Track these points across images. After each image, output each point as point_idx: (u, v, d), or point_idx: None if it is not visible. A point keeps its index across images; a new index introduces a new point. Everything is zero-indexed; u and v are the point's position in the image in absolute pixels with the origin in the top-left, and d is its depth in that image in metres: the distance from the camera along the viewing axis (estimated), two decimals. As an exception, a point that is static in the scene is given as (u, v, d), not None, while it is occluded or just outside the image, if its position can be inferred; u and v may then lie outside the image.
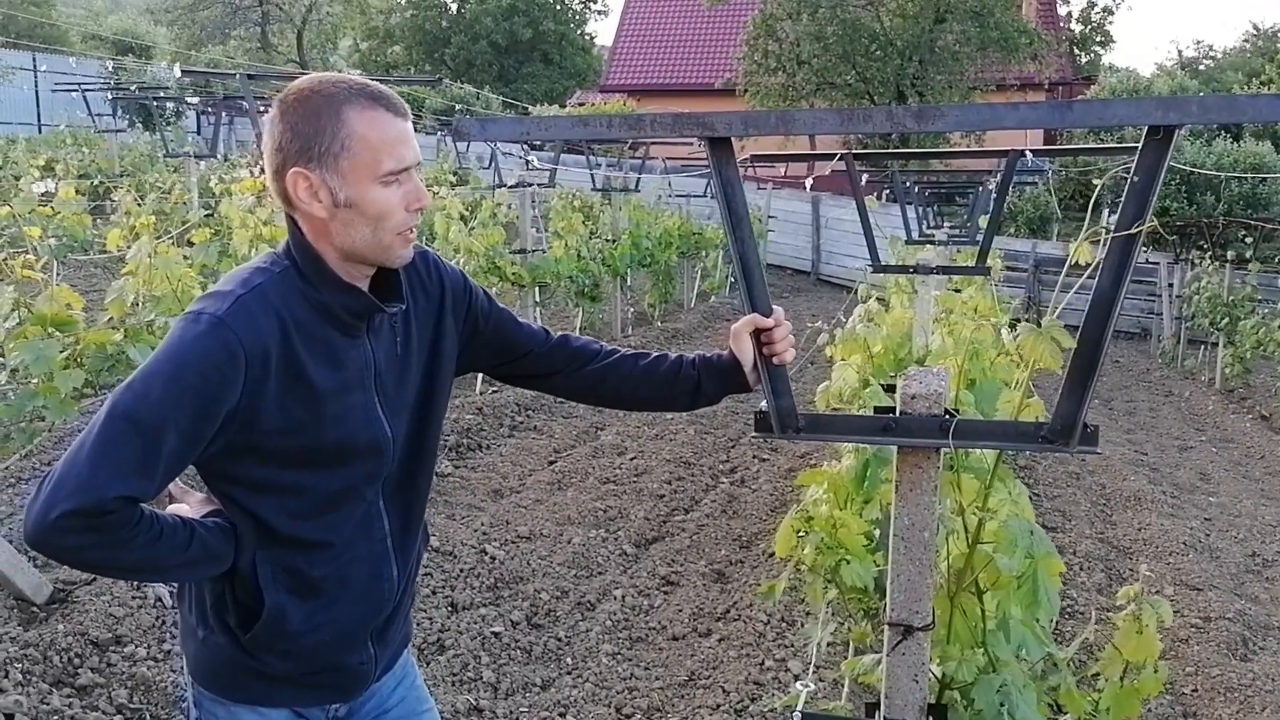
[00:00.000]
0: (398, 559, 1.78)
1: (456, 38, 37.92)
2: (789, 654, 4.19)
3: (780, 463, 7.08)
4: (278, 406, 1.57)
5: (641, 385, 1.99)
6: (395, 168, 1.57)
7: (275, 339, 1.55)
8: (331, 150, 1.55)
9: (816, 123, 1.76)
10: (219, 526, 1.63)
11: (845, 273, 20.41)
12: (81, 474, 1.45)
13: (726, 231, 1.83)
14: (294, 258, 1.62)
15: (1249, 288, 13.31)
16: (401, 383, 1.74)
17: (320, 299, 1.60)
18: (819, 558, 2.64)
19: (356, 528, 1.71)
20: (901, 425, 1.78)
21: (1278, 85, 28.34)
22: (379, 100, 1.58)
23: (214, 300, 1.56)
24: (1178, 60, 37.79)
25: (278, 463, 1.61)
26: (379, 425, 1.69)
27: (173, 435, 1.49)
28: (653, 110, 1.85)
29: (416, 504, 1.82)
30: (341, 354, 1.63)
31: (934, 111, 1.68)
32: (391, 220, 1.59)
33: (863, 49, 22.13)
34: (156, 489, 1.52)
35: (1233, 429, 10.73)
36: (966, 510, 1.91)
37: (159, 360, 1.51)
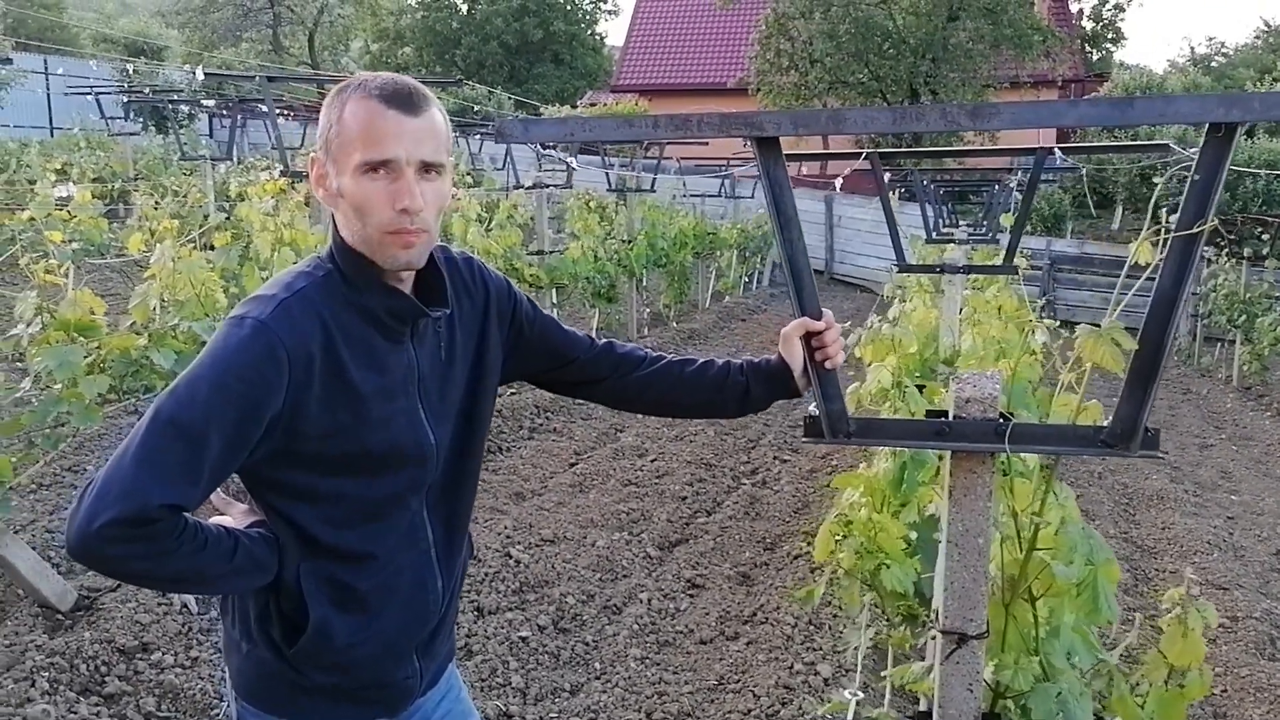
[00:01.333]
0: (442, 570, 1.75)
1: (467, 39, 37.92)
2: (818, 657, 4.14)
3: (801, 464, 7.03)
4: (321, 410, 1.54)
5: (689, 391, 1.95)
6: (370, 159, 1.53)
7: (318, 342, 1.53)
8: (329, 136, 1.58)
9: (868, 121, 1.72)
10: (263, 537, 1.61)
11: (859, 272, 20.36)
12: (125, 481, 1.43)
13: (775, 233, 1.79)
14: (335, 260, 1.61)
15: (1266, 285, 13.20)
16: (445, 390, 1.71)
17: (362, 302, 1.59)
18: (858, 562, 2.61)
19: (401, 538, 1.68)
20: (955, 430, 1.74)
21: (1292, 80, 28.11)
22: (382, 94, 1.55)
23: (257, 304, 1.55)
24: (1190, 57, 37.61)
25: (320, 469, 1.59)
26: (423, 431, 1.66)
27: (217, 441, 1.47)
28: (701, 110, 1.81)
29: (461, 514, 1.79)
30: (385, 358, 1.61)
31: (989, 109, 1.64)
32: (375, 217, 1.55)
33: (875, 47, 22.05)
34: (201, 496, 1.50)
35: (1252, 426, 10.64)
36: (1020, 515, 1.87)
37: (202, 365, 1.50)
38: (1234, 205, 18.95)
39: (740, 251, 15.85)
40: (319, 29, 41.84)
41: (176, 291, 3.93)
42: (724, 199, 16.39)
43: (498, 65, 38.11)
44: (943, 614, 1.81)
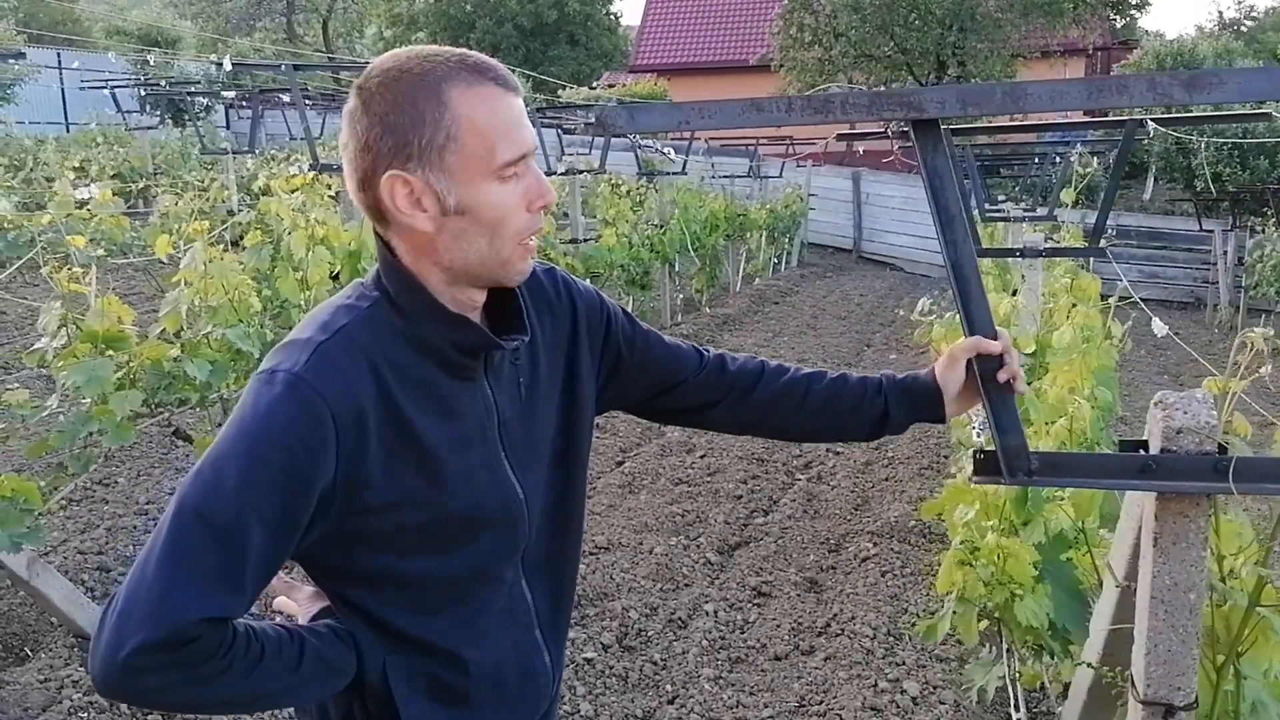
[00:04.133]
0: (549, 646, 1.47)
1: (481, 22, 37.55)
2: (902, 673, 3.87)
3: (856, 456, 6.74)
4: (384, 475, 1.25)
5: (818, 415, 1.65)
6: (514, 156, 1.25)
7: (369, 393, 1.24)
8: (435, 142, 1.22)
9: (1056, 97, 1.43)
10: (335, 632, 1.32)
11: (888, 250, 19.99)
12: (151, 596, 1.15)
13: (937, 232, 1.50)
14: (385, 287, 1.30)
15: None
16: (532, 433, 1.41)
17: (421, 335, 1.29)
18: (987, 593, 2.32)
19: (498, 618, 1.40)
20: (1164, 467, 1.45)
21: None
22: (485, 72, 1.26)
23: (289, 352, 1.24)
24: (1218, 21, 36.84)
25: (393, 548, 1.30)
26: (509, 486, 1.37)
27: (258, 531, 1.18)
28: (844, 89, 1.54)
29: (566, 580, 1.50)
30: (454, 401, 1.31)
31: (1210, 78, 1.35)
32: (511, 225, 1.28)
33: (901, 19, 21.59)
34: (247, 601, 1.21)
35: (1313, 404, 10.27)
36: (1239, 561, 1.59)
37: (229, 438, 1.20)
38: (1274, 172, 18.45)
39: (769, 232, 15.51)
40: (333, 16, 41.53)
41: (208, 296, 3.67)
42: (752, 179, 16.03)
43: (512, 48, 37.71)
44: (1143, 680, 1.53)
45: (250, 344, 3.67)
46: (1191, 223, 18.96)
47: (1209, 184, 18.12)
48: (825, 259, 19.83)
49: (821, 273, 18.22)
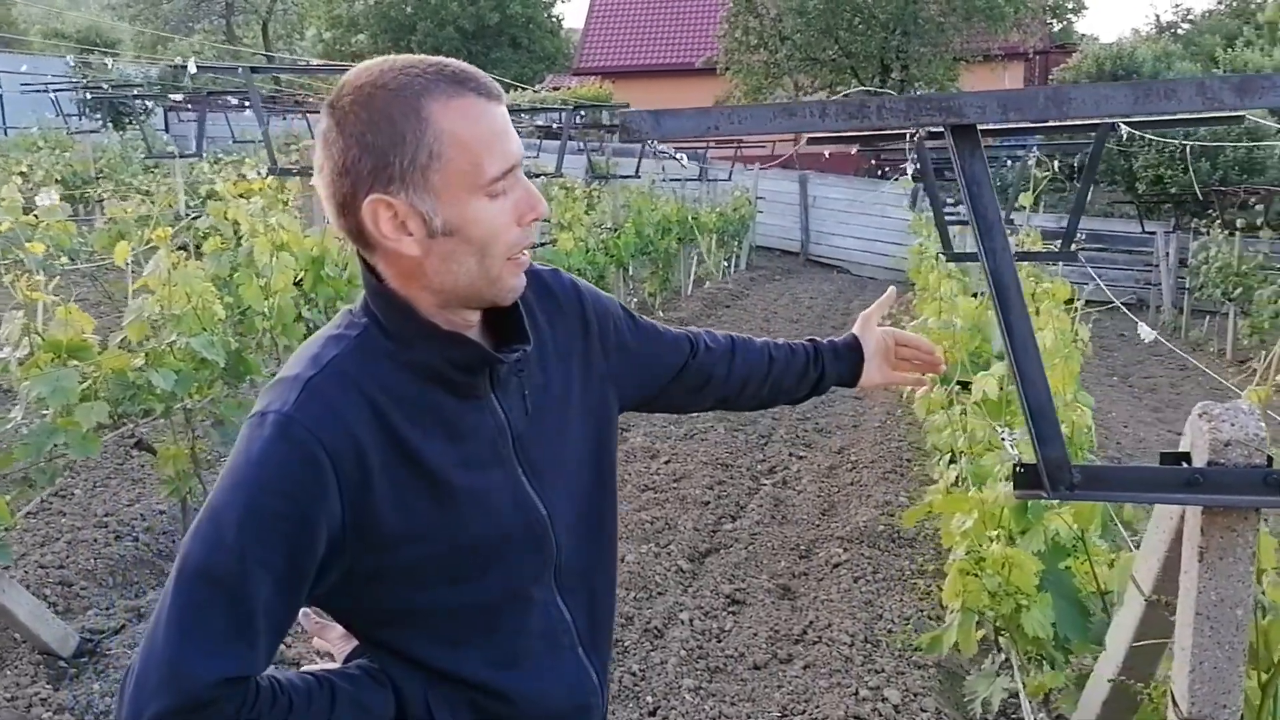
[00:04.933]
0: (593, 663, 1.39)
1: (422, 24, 37.15)
2: (882, 681, 3.84)
3: (819, 460, 6.74)
4: (394, 510, 1.18)
5: (777, 384, 1.72)
6: (502, 169, 1.17)
7: (367, 426, 1.16)
8: (417, 162, 1.14)
9: (1100, 103, 1.39)
10: (368, 673, 1.25)
11: (835, 253, 20.11)
12: (163, 663, 1.08)
13: (976, 240, 1.46)
14: (373, 312, 1.22)
15: (1260, 256, 13.08)
16: (548, 444, 1.34)
17: (416, 359, 1.21)
18: (993, 604, 2.29)
19: (538, 642, 1.32)
20: (1211, 480, 1.42)
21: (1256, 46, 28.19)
22: (465, 82, 1.17)
23: (279, 391, 1.17)
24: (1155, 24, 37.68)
25: (415, 583, 1.23)
26: (529, 505, 1.29)
27: (265, 583, 1.12)
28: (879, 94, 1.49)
29: (604, 594, 1.43)
30: (461, 423, 1.24)
31: (1263, 83, 1.32)
32: (501, 241, 1.20)
33: (845, 23, 21.75)
34: (265, 656, 1.15)
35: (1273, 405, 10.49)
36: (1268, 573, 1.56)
37: (224, 489, 1.13)
38: (1215, 174, 18.87)
39: (719, 236, 15.52)
40: (273, 17, 40.85)
41: (171, 304, 3.53)
42: (701, 182, 16.03)
43: (454, 51, 37.26)
44: (1187, 699, 1.49)
45: (215, 353, 3.55)
46: (1134, 225, 19.34)
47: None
48: (773, 262, 19.91)
49: (770, 275, 18.28)
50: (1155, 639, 1.82)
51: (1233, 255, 13.26)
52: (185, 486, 3.76)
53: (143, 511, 4.99)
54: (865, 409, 8.13)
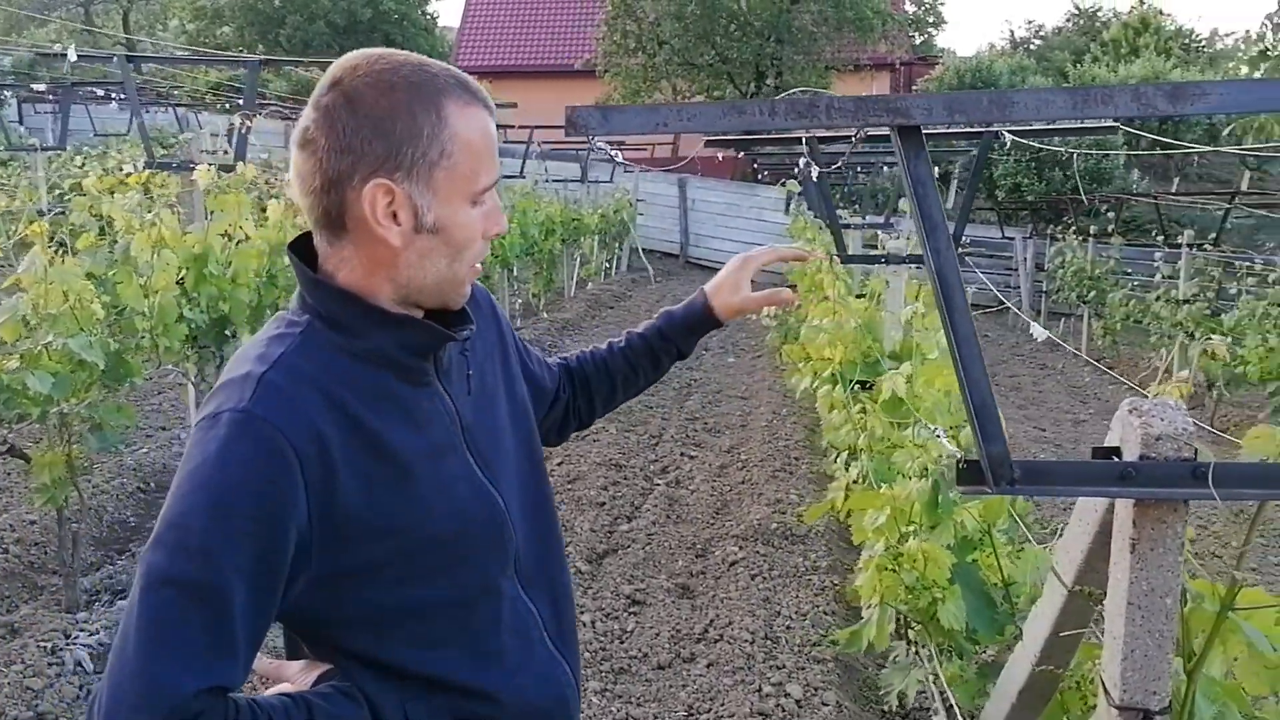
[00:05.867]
0: (565, 656, 1.38)
1: (292, 18, 36.10)
2: (784, 676, 3.90)
3: (710, 460, 6.80)
4: (362, 503, 1.15)
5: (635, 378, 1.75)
6: (490, 181, 1.23)
7: (328, 417, 1.14)
8: (429, 158, 1.16)
9: (1041, 106, 1.42)
10: (341, 691, 1.19)
11: (714, 255, 20.36)
12: (139, 680, 1.02)
13: (921, 241, 1.48)
14: (317, 308, 1.20)
15: (1112, 261, 13.78)
16: (494, 434, 1.35)
17: (368, 346, 1.19)
18: (910, 598, 2.33)
19: (510, 638, 1.30)
20: (1143, 473, 1.47)
21: (1103, 63, 29.72)
22: (475, 93, 1.22)
23: (229, 391, 1.14)
24: (1010, 40, 39.36)
25: (386, 581, 1.19)
26: (487, 493, 1.29)
27: (239, 587, 1.07)
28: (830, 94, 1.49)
29: (563, 581, 1.43)
30: (416, 409, 1.23)
31: (1195, 90, 1.37)
32: (472, 250, 1.25)
33: (722, 29, 22.06)
34: (244, 669, 1.10)
35: (1114, 400, 11.04)
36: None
37: (183, 494, 1.08)
38: (1067, 183, 19.81)
39: (602, 237, 15.53)
40: (134, 7, 39.11)
41: (47, 303, 3.33)
42: (583, 183, 16.02)
43: (325, 46, 36.38)
44: (1119, 687, 1.54)
45: (94, 354, 3.36)
46: (994, 230, 20.14)
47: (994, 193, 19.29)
48: (654, 264, 19.99)
49: (651, 277, 18.39)
50: (1074, 629, 1.88)
51: (1086, 260, 13.94)
52: (62, 494, 3.55)
53: (12, 522, 4.71)
54: (752, 409, 8.24)
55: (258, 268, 5.16)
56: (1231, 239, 15.32)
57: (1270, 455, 1.49)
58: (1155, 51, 29.20)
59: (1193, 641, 1.62)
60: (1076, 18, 38.14)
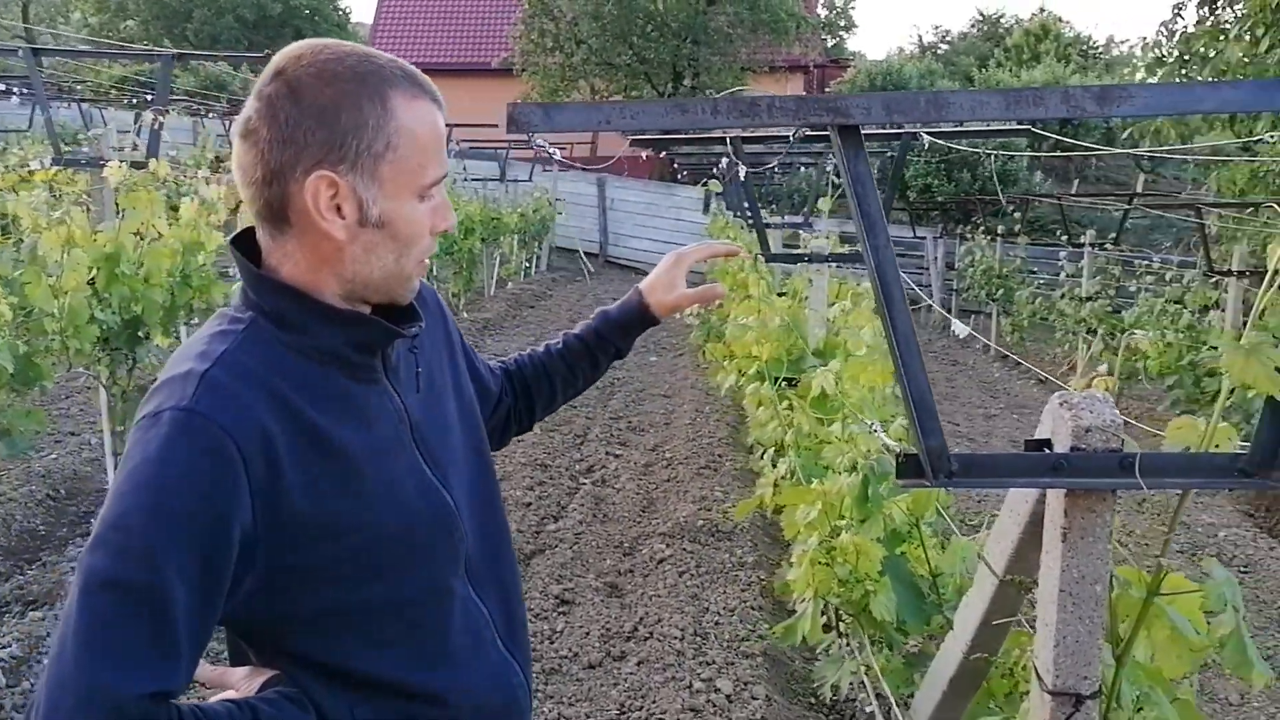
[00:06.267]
0: (516, 656, 1.36)
1: (199, 11, 35.23)
2: (714, 672, 3.93)
3: (635, 458, 6.82)
4: (308, 501, 1.13)
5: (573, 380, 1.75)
6: (438, 176, 1.22)
7: (273, 414, 1.12)
8: (374, 150, 1.15)
9: (976, 107, 1.46)
10: (287, 697, 1.17)
11: (633, 255, 20.42)
12: (79, 685, 1.00)
13: (861, 238, 1.51)
14: (260, 304, 1.18)
15: (1019, 260, 14.17)
16: (441, 432, 1.33)
17: (314, 343, 1.18)
18: (843, 591, 2.37)
19: (462, 638, 1.29)
20: (1074, 464, 1.51)
21: (1006, 68, 30.53)
22: (423, 86, 1.20)
23: (169, 391, 1.11)
24: (918, 44, 40.19)
25: (334, 581, 1.17)
26: (436, 492, 1.27)
27: (181, 590, 1.04)
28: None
29: (512, 582, 1.41)
30: (364, 407, 1.21)
31: (1120, 93, 1.42)
32: (420, 245, 1.23)
33: (639, 29, 22.13)
34: (187, 673, 1.07)
35: (1023, 394, 11.36)
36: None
37: (122, 495, 1.05)
38: (975, 184, 20.31)
39: (521, 236, 15.46)
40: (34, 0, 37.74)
41: (-51, 307, 3.20)
42: (502, 183, 15.91)
43: (234, 41, 35.62)
44: (1051, 672, 1.59)
45: (2, 357, 3.23)
46: (905, 230, 20.54)
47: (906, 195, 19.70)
48: (574, 263, 20.00)
49: (571, 276, 18.38)
50: (1004, 617, 1.93)
51: (994, 259, 14.30)
52: (-33, 505, 3.40)
53: (-91, 533, 4.51)
54: (676, 407, 8.28)
55: (171, 267, 5.02)
56: (1129, 238, 15.89)
57: (1192, 445, 1.55)
58: (1055, 57, 30.10)
59: (1119, 627, 1.68)
60: (981, 23, 39.09)
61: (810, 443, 3.43)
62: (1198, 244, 10.58)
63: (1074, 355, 11.35)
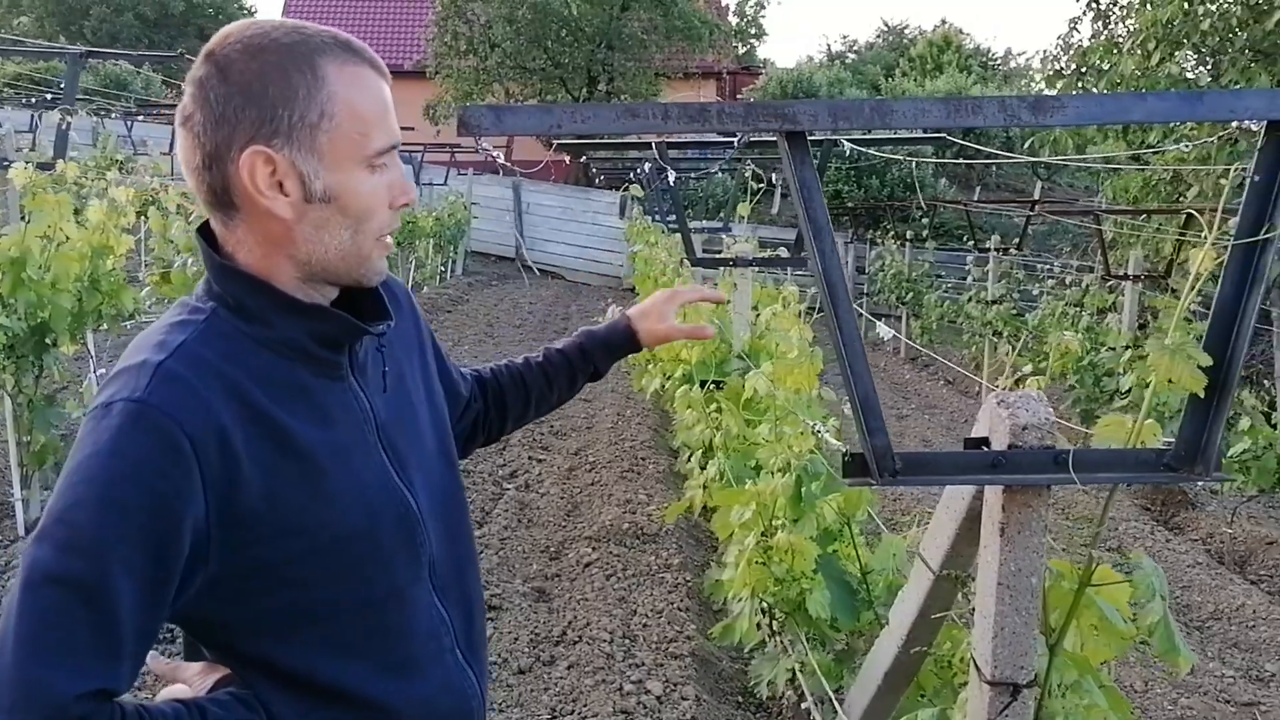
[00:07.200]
0: (472, 666, 1.33)
1: (97, 9, 34.18)
2: (644, 674, 3.95)
3: (558, 462, 6.81)
4: (264, 499, 1.10)
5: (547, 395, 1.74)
6: (386, 144, 1.16)
7: (230, 408, 1.09)
8: (307, 119, 1.11)
9: (919, 115, 1.51)
10: (239, 699, 1.15)
11: (549, 259, 20.36)
12: (16, 681, 0.98)
13: (808, 244, 1.54)
14: (221, 293, 1.16)
15: (927, 265, 14.53)
16: (410, 432, 1.30)
17: (276, 335, 1.15)
18: (780, 589, 2.41)
19: (423, 644, 1.26)
20: (1012, 461, 1.57)
21: (910, 78, 31.28)
22: (360, 52, 1.17)
23: (123, 380, 1.08)
24: (827, 53, 40.87)
25: (291, 581, 1.15)
26: (399, 493, 1.24)
27: (127, 588, 1.02)
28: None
29: (474, 591, 1.39)
30: (326, 403, 1.19)
31: (1054, 103, 1.48)
32: (375, 219, 1.18)
33: (553, 34, 22.10)
34: (131, 672, 1.05)
35: (933, 395, 11.66)
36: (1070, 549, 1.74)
37: (71, 486, 1.03)
38: (884, 190, 20.74)
39: (436, 240, 15.32)
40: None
41: None
42: (416, 186, 15.74)
43: (134, 40, 34.64)
44: (990, 663, 1.64)
45: (-95, 369, 3.10)
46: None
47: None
48: (489, 267, 19.89)
49: (487, 281, 18.27)
50: (940, 611, 1.98)
51: (904, 263, 14.64)
52: None
53: None
54: (597, 411, 8.29)
55: (79, 272, 4.87)
56: (1029, 243, 16.40)
57: (1119, 441, 1.62)
58: (957, 68, 30.90)
59: (1050, 617, 1.74)
60: (886, 34, 39.94)
61: (738, 444, 3.48)
62: (1094, 249, 10.97)
63: (980, 357, 11.67)
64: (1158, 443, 1.61)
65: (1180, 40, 10.29)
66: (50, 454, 4.84)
